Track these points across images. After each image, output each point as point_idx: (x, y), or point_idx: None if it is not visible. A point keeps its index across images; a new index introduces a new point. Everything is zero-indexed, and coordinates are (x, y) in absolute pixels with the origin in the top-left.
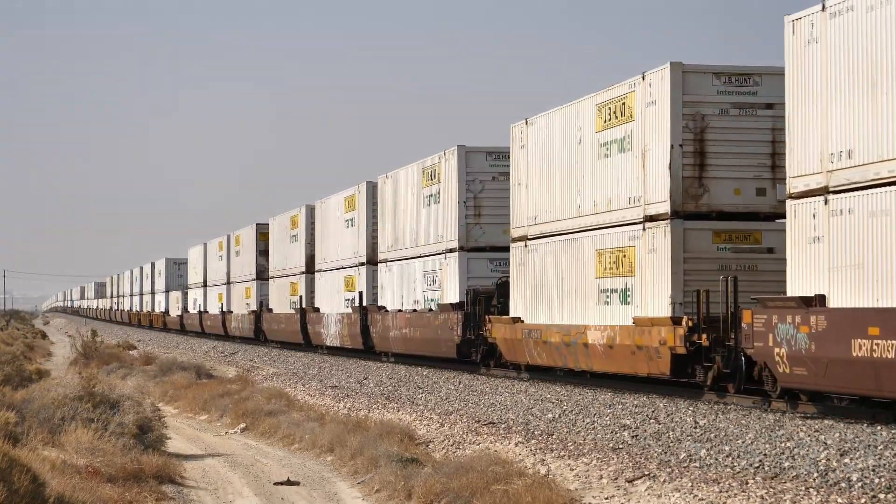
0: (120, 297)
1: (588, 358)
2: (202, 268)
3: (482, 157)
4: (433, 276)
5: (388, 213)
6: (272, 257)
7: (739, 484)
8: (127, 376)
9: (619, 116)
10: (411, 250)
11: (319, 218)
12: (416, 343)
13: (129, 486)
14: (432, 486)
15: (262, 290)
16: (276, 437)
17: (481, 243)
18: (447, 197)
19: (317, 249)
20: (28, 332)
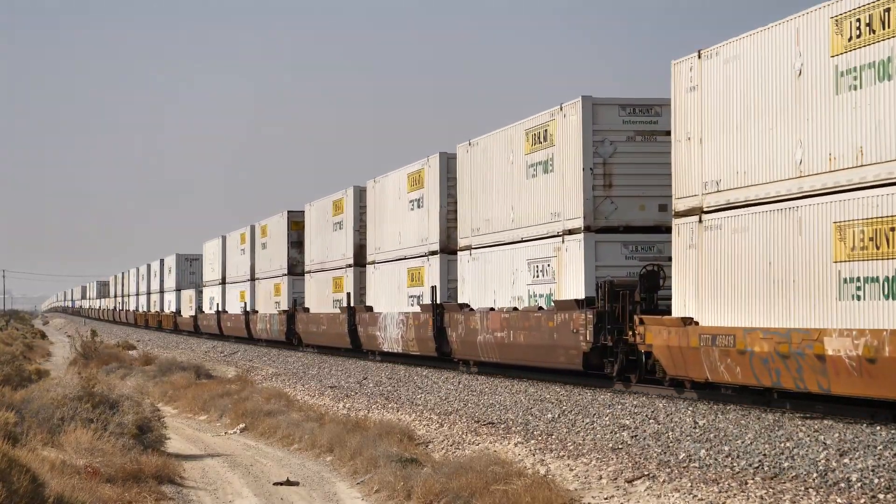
0: (125, 296)
1: (824, 376)
2: (220, 263)
3: (613, 112)
4: (542, 266)
5: (473, 189)
6: (309, 249)
7: (739, 484)
8: (126, 376)
9: None
10: (508, 233)
11: (372, 200)
12: (518, 350)
13: (128, 487)
14: (432, 486)
15: (294, 286)
16: (275, 438)
17: (613, 222)
18: (566, 164)
19: (369, 238)
20: (27, 332)
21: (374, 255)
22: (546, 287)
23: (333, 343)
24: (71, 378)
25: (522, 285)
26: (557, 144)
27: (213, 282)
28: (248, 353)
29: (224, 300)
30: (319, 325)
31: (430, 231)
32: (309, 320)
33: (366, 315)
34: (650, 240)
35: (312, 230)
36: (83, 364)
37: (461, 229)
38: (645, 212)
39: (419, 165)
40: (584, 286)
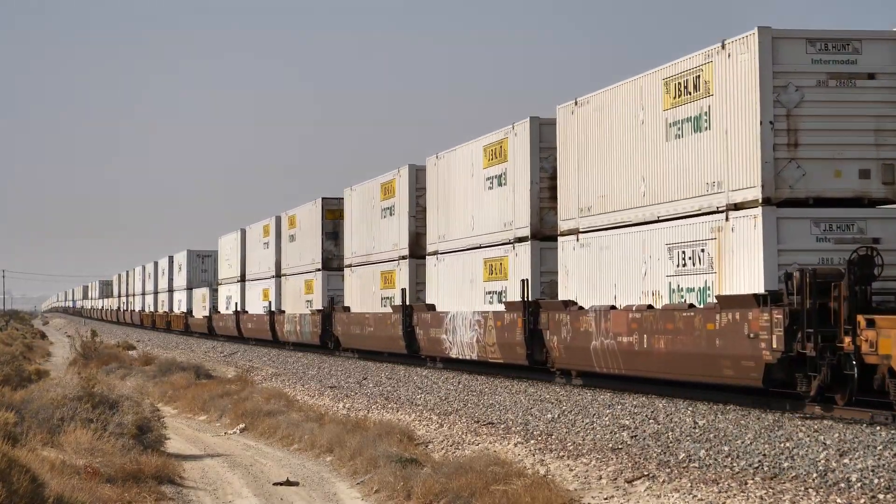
0: (129, 296)
1: None
2: (238, 259)
3: (799, 49)
4: (693, 252)
5: (581, 158)
6: (349, 240)
7: (738, 484)
8: (126, 377)
9: None
10: (638, 211)
11: (434, 180)
12: (656, 360)
13: (128, 487)
14: (431, 486)
15: (330, 283)
16: (275, 438)
17: (800, 192)
18: (730, 117)
19: (429, 224)
20: (27, 332)
21: (437, 244)
22: (698, 279)
23: (382, 347)
24: (71, 378)
25: (660, 277)
26: (716, 93)
27: (230, 279)
28: (248, 354)
29: (243, 299)
30: (364, 327)
31: (517, 213)
32: (350, 321)
33: (426, 315)
34: (849, 216)
35: (354, 218)
36: (83, 364)
37: (563, 208)
38: (841, 179)
39: (500, 135)
40: (762, 277)
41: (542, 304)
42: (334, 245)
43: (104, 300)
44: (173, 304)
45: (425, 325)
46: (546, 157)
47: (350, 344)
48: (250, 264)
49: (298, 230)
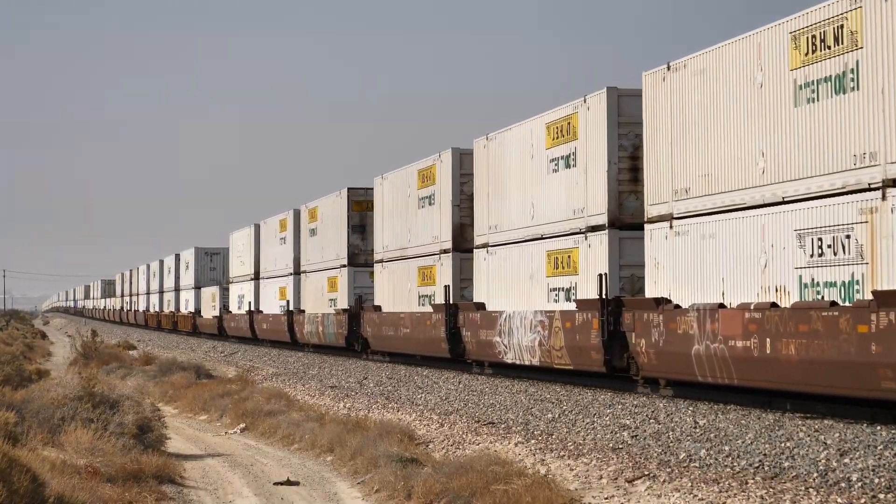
0: (133, 295)
1: None
2: (252, 256)
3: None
4: (831, 239)
5: (673, 134)
6: (380, 233)
7: (739, 484)
8: (127, 376)
9: None
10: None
11: (483, 164)
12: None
13: (128, 486)
14: (432, 486)
15: (357, 280)
16: (275, 437)
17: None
18: (887, 73)
19: (477, 214)
20: (27, 332)
21: (487, 235)
22: (842, 271)
23: (420, 350)
24: (71, 378)
25: (786, 270)
26: (867, 46)
27: (242, 277)
28: (248, 354)
29: (257, 298)
30: (399, 328)
31: (590, 199)
32: (382, 321)
33: (475, 315)
34: None
35: (385, 209)
36: (83, 364)
37: (652, 192)
38: None
39: (568, 110)
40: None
41: (627, 303)
42: (361, 239)
43: (107, 300)
44: (180, 304)
45: (473, 325)
46: (627, 132)
47: (381, 346)
48: (265, 261)
49: (320, 224)
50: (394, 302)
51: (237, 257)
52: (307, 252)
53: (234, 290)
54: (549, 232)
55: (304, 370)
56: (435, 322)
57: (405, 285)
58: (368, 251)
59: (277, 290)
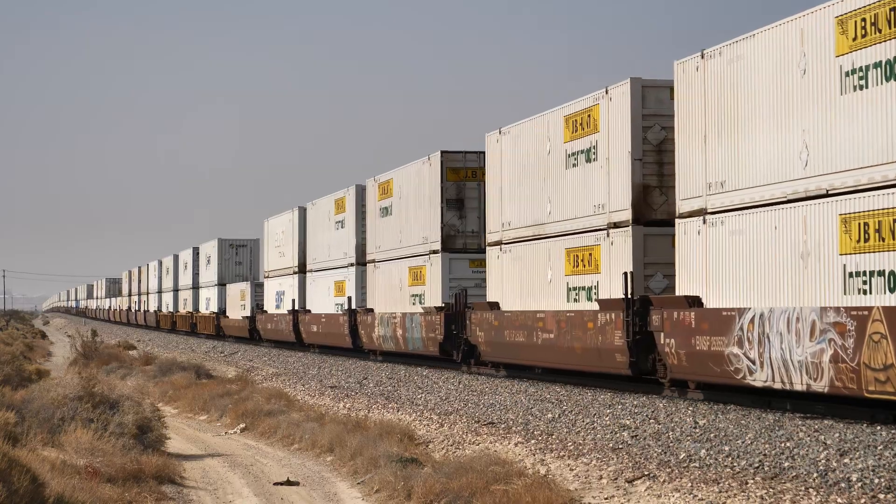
0: (142, 294)
1: None
2: (295, 245)
3: None
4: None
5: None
6: (496, 206)
7: (739, 484)
8: (126, 376)
9: None
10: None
11: (696, 96)
12: None
13: (128, 487)
14: (432, 486)
15: (454, 269)
16: (275, 438)
17: None
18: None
19: (681, 169)
20: (28, 332)
21: (712, 197)
22: None
23: (574, 364)
24: (71, 378)
25: None
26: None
27: (282, 271)
28: (248, 354)
29: (303, 295)
30: (533, 332)
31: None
32: (503, 323)
33: (687, 314)
34: None
35: (504, 175)
36: (83, 364)
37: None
38: None
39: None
40: None
41: (655, 302)
42: (458, 217)
43: (112, 299)
44: (199, 303)
45: (683, 329)
46: (650, 125)
47: (501, 356)
48: (315, 250)
49: (398, 200)
50: (521, 296)
51: (275, 248)
52: (377, 236)
53: (270, 286)
54: (836, 186)
55: (304, 370)
56: (603, 325)
57: (541, 274)
58: (469, 232)
59: (332, 284)
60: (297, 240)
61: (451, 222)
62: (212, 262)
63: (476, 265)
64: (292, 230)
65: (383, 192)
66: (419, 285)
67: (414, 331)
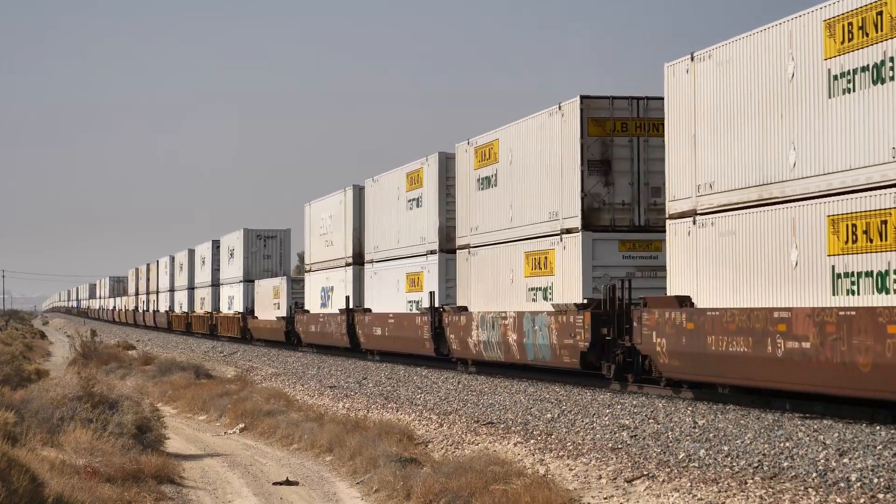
0: (150, 293)
1: None
2: (348, 232)
3: None
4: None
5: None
6: (692, 163)
7: (738, 484)
8: (126, 376)
9: None
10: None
11: None
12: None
13: (127, 486)
14: (431, 485)
15: (598, 253)
16: (274, 437)
17: None
18: None
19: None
20: (27, 331)
21: None
22: None
23: (861, 388)
24: (70, 378)
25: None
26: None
27: (329, 263)
28: (247, 353)
29: (359, 291)
30: (771, 342)
31: None
32: (708, 326)
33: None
34: None
35: (701, 117)
36: (83, 364)
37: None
38: None
39: None
40: None
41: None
42: (604, 184)
43: (116, 299)
44: (220, 303)
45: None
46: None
47: (697, 372)
48: (377, 237)
49: (506, 166)
50: (734, 288)
51: (319, 236)
52: (473, 215)
53: (313, 281)
54: None
55: (304, 370)
56: None
57: (777, 255)
58: (618, 205)
59: (402, 278)
60: (351, 225)
61: (595, 191)
62: (236, 255)
63: (629, 248)
64: (344, 214)
65: (483, 157)
66: (542, 275)
67: (537, 335)
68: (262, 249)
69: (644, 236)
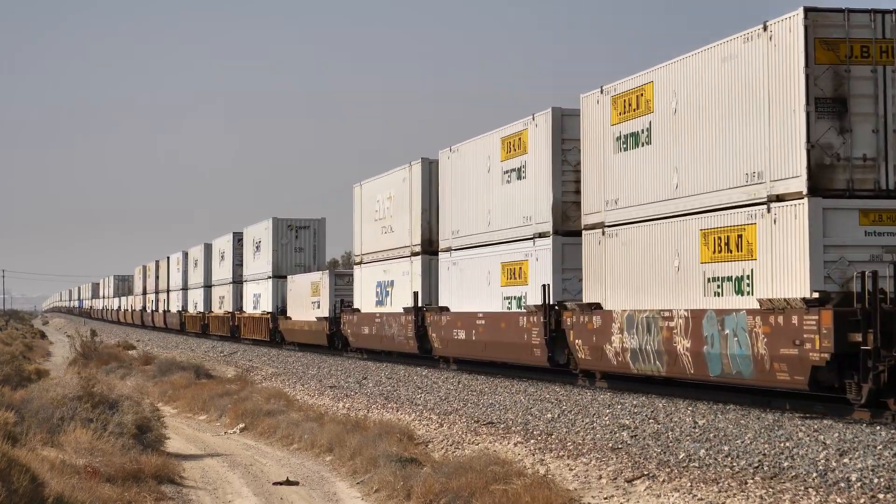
0: (160, 292)
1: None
2: (413, 215)
3: None
4: None
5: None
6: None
7: (738, 484)
8: (126, 376)
9: None
10: None
11: None
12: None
13: (128, 486)
14: (431, 485)
15: (834, 227)
16: (275, 437)
17: None
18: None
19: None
20: (27, 331)
21: None
22: None
23: None
24: (70, 378)
25: None
26: None
27: (388, 253)
28: (248, 353)
29: (431, 286)
30: None
31: None
32: None
33: None
34: None
35: None
36: (83, 364)
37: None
38: None
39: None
40: None
41: None
42: (836, 132)
43: (121, 299)
44: (243, 301)
45: None
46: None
47: None
48: (456, 219)
49: (666, 117)
50: None
51: (374, 222)
52: (606, 185)
53: (365, 275)
54: None
55: (304, 370)
56: None
57: None
58: (858, 160)
59: (495, 269)
60: (420, 207)
61: (826, 141)
62: (263, 248)
63: (875, 220)
64: (409, 194)
65: (626, 108)
66: (732, 260)
67: (729, 343)
68: (293, 241)
69: None
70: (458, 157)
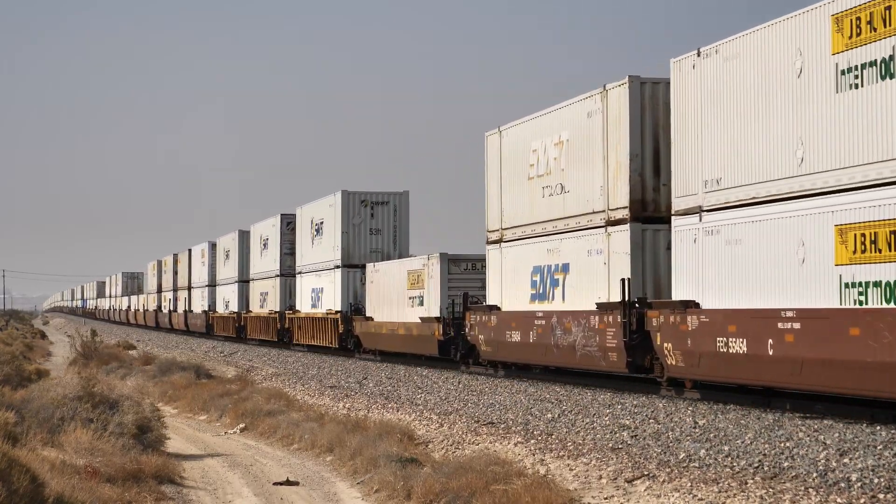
0: (179, 290)
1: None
2: (616, 162)
3: None
4: None
5: None
6: None
7: (739, 484)
8: (126, 376)
9: None
10: None
11: None
12: None
13: (128, 486)
14: (432, 486)
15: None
16: (275, 438)
17: None
18: None
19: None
20: (27, 331)
21: None
22: None
23: None
24: (71, 378)
25: None
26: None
27: (556, 224)
28: (248, 353)
29: (640, 272)
30: None
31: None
32: None
33: None
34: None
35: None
36: (83, 364)
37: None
38: None
39: None
40: None
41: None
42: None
43: (129, 298)
44: (297, 299)
45: None
46: None
47: None
48: (715, 164)
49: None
50: None
51: (529, 180)
52: None
53: (508, 258)
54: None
55: (304, 370)
56: None
57: None
58: None
59: (827, 232)
60: (627, 149)
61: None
62: (326, 231)
63: None
64: (602, 133)
65: (858, 30)
66: None
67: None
68: (367, 220)
69: None
70: (725, 63)
